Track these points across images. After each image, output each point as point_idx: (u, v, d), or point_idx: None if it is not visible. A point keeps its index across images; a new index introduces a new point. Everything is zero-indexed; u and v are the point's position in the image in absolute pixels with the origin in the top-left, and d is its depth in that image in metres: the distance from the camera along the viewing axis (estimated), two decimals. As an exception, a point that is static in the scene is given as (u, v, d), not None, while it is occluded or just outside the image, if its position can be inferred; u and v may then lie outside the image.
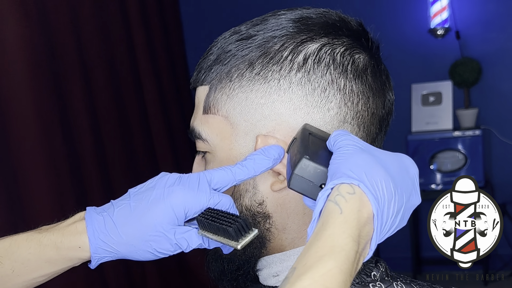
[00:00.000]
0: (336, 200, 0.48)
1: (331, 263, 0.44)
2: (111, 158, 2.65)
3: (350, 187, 0.48)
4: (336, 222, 0.46)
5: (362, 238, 0.47)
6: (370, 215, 0.48)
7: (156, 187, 0.61)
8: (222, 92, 0.62)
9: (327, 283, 0.43)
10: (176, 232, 0.60)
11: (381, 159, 0.52)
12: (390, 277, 0.65)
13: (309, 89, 0.60)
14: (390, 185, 0.50)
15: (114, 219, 0.61)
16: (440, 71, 3.46)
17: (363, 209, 0.48)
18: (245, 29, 0.63)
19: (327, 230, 0.46)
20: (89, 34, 2.59)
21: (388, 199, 0.49)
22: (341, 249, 0.45)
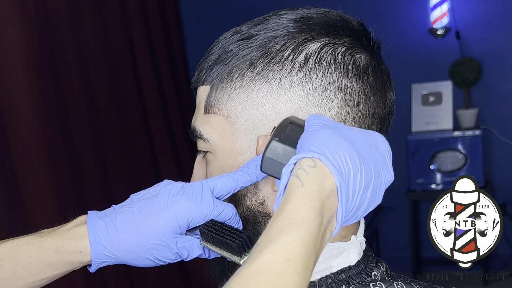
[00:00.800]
0: (298, 174, 0.48)
1: (293, 235, 0.44)
2: (111, 159, 2.65)
3: (311, 161, 0.48)
4: (297, 195, 0.46)
5: (326, 211, 0.47)
6: (333, 187, 0.48)
7: (159, 195, 0.62)
8: (223, 92, 0.62)
9: (288, 255, 0.43)
10: (178, 242, 0.61)
11: (347, 134, 0.52)
12: (391, 277, 0.65)
13: (310, 89, 0.60)
14: (355, 157, 0.50)
15: (117, 225, 0.61)
16: (440, 71, 3.46)
17: (325, 181, 0.47)
18: (246, 29, 0.63)
19: (289, 203, 0.46)
20: (89, 34, 2.59)
21: (353, 171, 0.49)
22: (302, 221, 0.45)
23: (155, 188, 0.63)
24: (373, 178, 0.51)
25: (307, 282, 0.43)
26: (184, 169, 3.22)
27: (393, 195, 3.63)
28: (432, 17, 3.38)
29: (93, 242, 0.61)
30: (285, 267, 0.42)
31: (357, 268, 0.63)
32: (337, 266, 0.62)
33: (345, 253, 0.62)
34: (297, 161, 0.49)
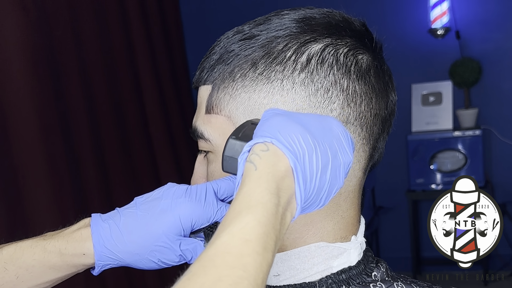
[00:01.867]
0: (251, 159, 0.48)
1: (249, 216, 0.44)
2: (110, 159, 2.65)
3: (263, 145, 0.49)
4: (252, 178, 0.47)
5: (283, 192, 0.47)
6: (287, 168, 0.48)
7: (163, 198, 0.62)
8: (225, 92, 0.62)
9: (245, 235, 0.43)
10: (182, 244, 0.61)
11: (300, 118, 0.53)
12: (391, 277, 0.65)
13: (312, 90, 0.60)
14: (309, 138, 0.50)
15: (121, 227, 0.62)
16: (440, 71, 3.46)
17: (278, 163, 0.48)
18: (248, 28, 0.63)
19: (243, 188, 0.47)
20: (89, 34, 2.59)
21: (308, 152, 0.49)
22: (257, 202, 0.45)
23: (159, 190, 0.64)
24: (330, 159, 0.51)
25: (267, 262, 0.43)
26: (183, 169, 3.22)
27: (393, 195, 3.63)
28: (432, 16, 3.38)
29: (96, 244, 0.62)
30: (243, 247, 0.42)
31: (357, 268, 0.63)
32: (337, 267, 0.62)
33: (346, 254, 0.62)
34: (251, 148, 0.49)
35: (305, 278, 0.62)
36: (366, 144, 0.63)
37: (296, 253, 0.62)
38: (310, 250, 0.62)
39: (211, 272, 0.41)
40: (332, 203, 0.62)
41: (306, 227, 0.62)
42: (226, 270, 0.41)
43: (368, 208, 3.46)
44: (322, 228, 0.62)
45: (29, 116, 2.07)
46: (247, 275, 0.41)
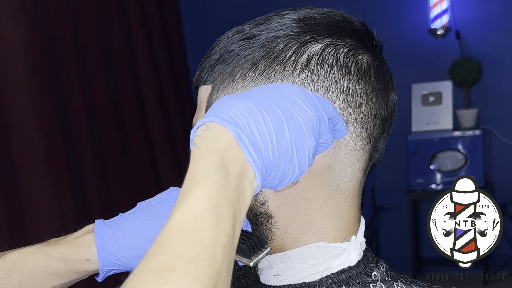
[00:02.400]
0: (194, 141, 0.48)
1: (197, 192, 0.44)
2: (110, 159, 2.65)
3: (204, 126, 0.49)
4: (195, 157, 0.47)
5: (230, 163, 0.46)
6: (230, 138, 0.47)
7: (166, 201, 0.63)
8: (225, 92, 0.62)
9: (196, 211, 0.43)
10: None
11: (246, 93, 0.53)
12: (391, 277, 0.65)
13: (312, 90, 0.60)
14: (252, 106, 0.50)
15: (124, 231, 0.62)
16: (440, 71, 3.46)
17: (219, 137, 0.47)
18: (248, 28, 0.63)
19: (189, 168, 0.47)
20: (89, 35, 2.59)
21: (253, 118, 0.49)
22: (202, 176, 0.45)
23: (161, 194, 0.64)
24: (285, 120, 0.51)
25: (226, 233, 0.43)
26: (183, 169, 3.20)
27: (393, 195, 3.63)
28: (432, 14, 3.38)
29: (100, 250, 0.62)
30: (196, 223, 0.42)
31: (357, 268, 0.63)
32: (337, 267, 0.62)
33: (345, 254, 0.62)
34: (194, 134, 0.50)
35: (305, 278, 0.62)
36: (366, 144, 0.63)
37: (296, 253, 0.62)
38: (310, 250, 0.62)
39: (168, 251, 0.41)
40: (332, 203, 0.62)
41: (306, 227, 0.62)
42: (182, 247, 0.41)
43: (368, 208, 3.46)
44: (322, 228, 0.62)
45: (29, 116, 2.07)
46: (204, 249, 0.41)
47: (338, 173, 0.62)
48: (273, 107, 0.51)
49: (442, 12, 3.36)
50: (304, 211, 0.62)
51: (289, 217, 0.62)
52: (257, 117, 0.49)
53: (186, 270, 0.39)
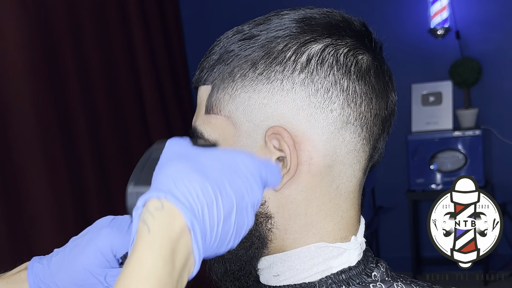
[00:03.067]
0: (144, 218, 0.45)
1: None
2: (110, 159, 2.65)
3: (158, 202, 0.46)
4: (144, 243, 0.44)
5: (179, 254, 0.45)
6: (183, 227, 0.45)
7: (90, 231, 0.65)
8: (225, 92, 0.62)
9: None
10: (108, 275, 0.64)
11: (201, 163, 0.50)
12: (391, 277, 0.65)
13: (312, 90, 0.60)
14: (209, 188, 0.48)
15: (51, 267, 0.66)
16: (440, 71, 3.46)
17: (173, 223, 0.45)
18: (248, 28, 0.63)
19: (135, 254, 0.44)
20: (89, 34, 2.59)
21: (208, 204, 0.47)
22: (149, 273, 0.43)
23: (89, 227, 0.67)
24: (235, 203, 0.50)
25: None
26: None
27: (393, 195, 3.63)
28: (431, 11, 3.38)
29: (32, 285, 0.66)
30: None
31: (357, 268, 0.63)
32: (337, 267, 0.62)
33: (345, 254, 0.62)
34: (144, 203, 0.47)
35: (305, 278, 0.62)
36: (366, 145, 0.63)
37: (296, 254, 0.62)
38: (310, 251, 0.62)
39: None
40: (332, 204, 0.62)
41: (306, 227, 0.62)
42: None
43: (368, 208, 3.46)
44: (322, 229, 0.62)
45: (29, 116, 2.07)
46: None
47: (338, 173, 0.62)
48: (226, 188, 0.49)
49: (442, 10, 3.36)
50: (304, 212, 0.62)
51: (289, 217, 0.62)
52: (212, 202, 0.48)
53: None
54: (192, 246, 0.46)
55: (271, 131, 0.59)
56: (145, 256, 0.44)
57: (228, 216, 0.49)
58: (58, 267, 0.65)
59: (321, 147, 0.60)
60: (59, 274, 0.64)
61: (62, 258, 0.65)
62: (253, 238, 0.62)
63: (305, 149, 0.60)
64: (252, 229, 0.63)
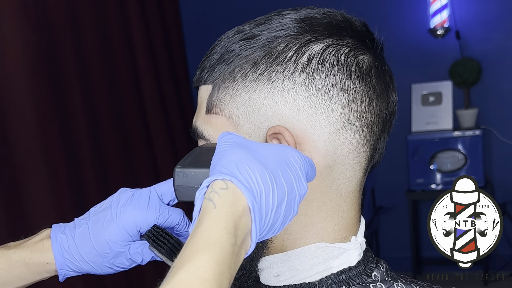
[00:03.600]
0: (210, 196, 0.48)
1: (207, 255, 0.45)
2: (110, 158, 2.65)
3: (223, 183, 0.49)
4: (210, 216, 0.47)
5: (239, 231, 0.47)
6: (245, 207, 0.48)
7: (111, 207, 0.67)
8: (225, 92, 0.62)
9: (203, 274, 0.43)
10: (131, 248, 0.67)
11: (258, 153, 0.53)
12: (391, 277, 0.65)
13: (313, 90, 0.60)
14: (266, 177, 0.50)
15: (75, 239, 0.67)
16: (440, 71, 3.46)
17: (237, 202, 0.48)
18: (248, 28, 0.63)
19: (202, 225, 0.47)
20: (89, 35, 2.59)
21: (265, 191, 0.50)
22: (215, 241, 0.45)
23: (109, 199, 0.69)
24: (286, 194, 0.52)
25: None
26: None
27: (393, 195, 3.63)
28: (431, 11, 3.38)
29: (57, 255, 0.67)
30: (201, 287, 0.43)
31: (357, 268, 0.63)
32: (337, 267, 0.62)
33: (346, 254, 0.62)
34: (209, 184, 0.50)
35: (305, 278, 0.62)
36: (366, 145, 0.63)
37: (296, 254, 0.62)
38: (310, 251, 0.62)
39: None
40: (332, 204, 0.62)
41: (306, 227, 0.62)
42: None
43: (368, 208, 3.46)
44: (322, 229, 0.62)
45: (29, 115, 2.07)
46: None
47: (339, 173, 0.62)
48: (281, 178, 0.52)
49: (442, 10, 3.36)
50: (304, 212, 0.62)
51: (289, 217, 0.62)
52: (269, 189, 0.50)
53: None
54: (251, 226, 0.49)
55: (273, 130, 0.59)
56: (211, 227, 0.46)
57: (280, 205, 0.51)
58: (81, 239, 0.67)
59: (321, 147, 0.60)
60: (83, 247, 0.67)
61: (85, 232, 0.67)
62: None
63: (306, 149, 0.60)
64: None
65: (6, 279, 0.68)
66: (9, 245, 0.70)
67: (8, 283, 0.68)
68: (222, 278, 0.44)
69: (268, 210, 0.50)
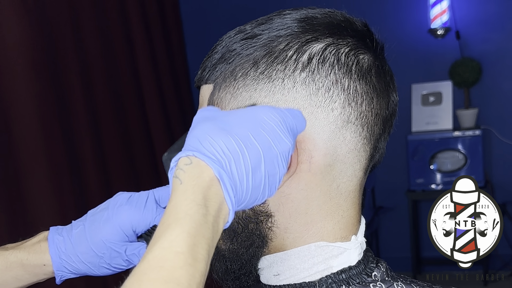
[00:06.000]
0: (176, 174, 0.49)
1: (178, 229, 0.45)
2: (111, 158, 2.65)
3: (187, 159, 0.50)
4: (178, 192, 0.48)
5: (211, 201, 0.48)
6: (212, 177, 0.49)
7: (109, 208, 0.68)
8: (226, 91, 0.62)
9: (177, 248, 0.44)
10: (128, 249, 0.68)
11: (225, 121, 0.53)
12: (391, 277, 0.65)
13: (313, 89, 0.60)
14: (233, 143, 0.51)
15: (72, 240, 0.68)
16: (440, 71, 3.46)
17: (202, 174, 0.49)
18: (250, 28, 0.63)
19: (171, 202, 0.48)
20: (89, 34, 2.59)
21: (234, 157, 0.50)
22: (185, 214, 0.46)
23: (108, 201, 0.69)
24: (263, 155, 0.52)
25: (200, 272, 0.45)
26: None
27: (393, 195, 3.63)
28: (432, 14, 3.38)
29: (54, 256, 0.68)
30: (176, 260, 0.44)
31: (357, 268, 0.63)
32: (337, 266, 0.62)
33: (346, 253, 0.63)
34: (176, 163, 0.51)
35: (305, 277, 0.62)
36: (366, 144, 0.63)
37: (296, 253, 0.62)
38: (310, 250, 0.62)
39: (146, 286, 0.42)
40: (332, 203, 0.62)
41: (306, 226, 0.62)
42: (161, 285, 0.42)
43: (368, 208, 3.46)
44: (322, 228, 0.62)
45: (30, 115, 2.07)
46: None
47: (339, 172, 0.62)
48: (252, 141, 0.52)
49: (442, 11, 3.36)
50: (304, 211, 0.62)
51: (289, 216, 0.62)
52: (237, 155, 0.51)
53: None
54: (223, 195, 0.49)
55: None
56: (179, 201, 0.47)
57: (257, 167, 0.52)
58: (78, 240, 0.67)
59: (321, 146, 0.60)
60: (80, 247, 0.67)
61: (82, 232, 0.67)
62: (254, 237, 0.63)
63: (306, 147, 0.60)
64: (253, 227, 0.63)
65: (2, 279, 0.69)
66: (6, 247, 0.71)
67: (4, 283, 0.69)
68: (197, 250, 0.45)
69: (242, 176, 0.51)
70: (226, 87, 0.62)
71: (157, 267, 0.43)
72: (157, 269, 0.43)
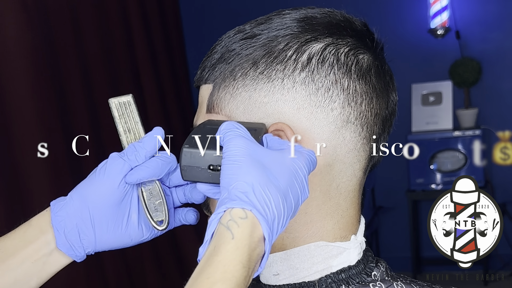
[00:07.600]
0: (228, 225, 0.48)
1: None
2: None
3: (242, 212, 0.49)
4: (228, 248, 0.48)
5: (252, 262, 0.48)
6: (261, 237, 0.49)
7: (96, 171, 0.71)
8: (226, 91, 0.62)
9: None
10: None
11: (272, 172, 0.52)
12: (391, 277, 0.65)
13: (313, 89, 0.60)
14: (280, 201, 0.51)
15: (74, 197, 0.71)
16: (440, 71, 3.46)
17: (254, 234, 0.49)
18: (249, 28, 0.63)
19: (219, 255, 0.48)
20: (89, 34, 2.59)
21: (277, 216, 0.51)
22: (231, 276, 0.46)
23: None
24: (293, 209, 0.53)
25: None
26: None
27: (393, 195, 3.63)
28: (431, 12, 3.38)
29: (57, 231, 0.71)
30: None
31: (357, 268, 0.63)
32: (337, 266, 0.62)
33: (345, 253, 0.62)
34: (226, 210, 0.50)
35: (304, 277, 0.62)
36: (366, 144, 0.63)
37: (296, 252, 0.62)
38: (309, 249, 0.62)
39: None
40: (332, 203, 0.62)
41: (306, 226, 0.62)
42: None
43: (368, 208, 3.46)
44: (322, 228, 0.62)
45: (30, 115, 2.07)
46: None
47: (338, 172, 0.62)
48: (289, 196, 0.52)
49: (442, 10, 3.36)
50: (304, 210, 0.62)
51: (289, 216, 0.62)
52: (281, 214, 0.51)
53: None
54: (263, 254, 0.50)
55: (275, 127, 0.60)
56: (229, 259, 0.47)
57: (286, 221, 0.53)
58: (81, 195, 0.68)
59: (321, 145, 0.60)
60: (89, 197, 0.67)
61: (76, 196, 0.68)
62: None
63: (306, 147, 0.60)
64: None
65: None
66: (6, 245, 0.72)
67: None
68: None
69: (277, 231, 0.51)
70: (226, 87, 0.62)
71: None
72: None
